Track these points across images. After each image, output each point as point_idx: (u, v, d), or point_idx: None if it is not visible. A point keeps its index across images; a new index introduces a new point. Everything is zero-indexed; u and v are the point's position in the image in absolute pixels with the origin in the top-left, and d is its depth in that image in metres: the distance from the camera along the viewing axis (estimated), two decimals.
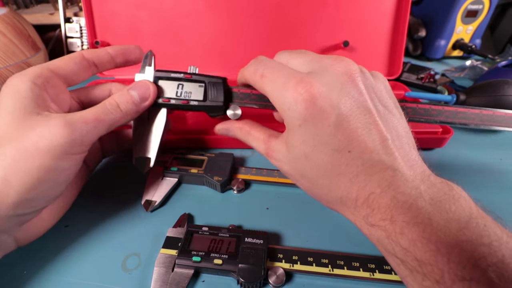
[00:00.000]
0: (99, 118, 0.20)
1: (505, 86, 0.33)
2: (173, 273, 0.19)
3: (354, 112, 0.17)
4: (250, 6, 0.41)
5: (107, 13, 0.41)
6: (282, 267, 0.20)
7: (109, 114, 0.20)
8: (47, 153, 0.17)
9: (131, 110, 0.21)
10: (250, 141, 0.23)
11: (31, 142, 0.17)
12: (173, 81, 0.22)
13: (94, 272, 0.20)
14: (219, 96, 0.23)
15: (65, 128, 0.18)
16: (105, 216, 0.24)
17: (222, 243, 0.20)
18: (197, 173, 0.26)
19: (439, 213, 0.14)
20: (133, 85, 0.22)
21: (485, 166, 0.30)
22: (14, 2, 0.54)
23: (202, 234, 0.21)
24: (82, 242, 0.22)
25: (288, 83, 0.18)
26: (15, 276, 0.20)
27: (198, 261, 0.19)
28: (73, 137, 0.18)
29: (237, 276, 0.19)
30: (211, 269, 0.20)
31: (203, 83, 0.23)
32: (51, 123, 0.18)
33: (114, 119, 0.20)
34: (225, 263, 0.19)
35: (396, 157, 0.16)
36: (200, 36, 0.42)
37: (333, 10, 0.41)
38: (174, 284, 0.19)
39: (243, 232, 0.21)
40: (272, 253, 0.20)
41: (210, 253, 0.20)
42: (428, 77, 0.46)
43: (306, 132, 0.17)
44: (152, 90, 0.22)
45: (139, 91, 0.22)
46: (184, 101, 0.23)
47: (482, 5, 0.52)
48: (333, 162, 0.17)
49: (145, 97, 0.22)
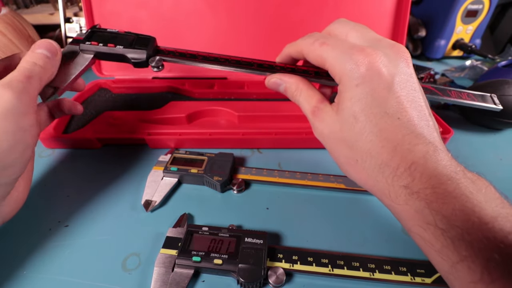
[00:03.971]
0: (27, 75, 0.21)
1: (505, 86, 0.33)
2: (173, 273, 0.19)
3: (406, 87, 0.18)
4: (250, 6, 0.41)
5: (107, 13, 0.40)
6: (282, 267, 0.20)
7: (32, 71, 0.21)
8: (7, 117, 0.19)
9: (48, 64, 0.23)
10: (301, 98, 0.22)
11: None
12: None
13: (94, 272, 0.20)
14: (146, 46, 0.24)
15: (8, 90, 0.19)
16: (105, 216, 0.24)
17: (222, 243, 0.20)
18: (197, 173, 0.26)
19: (478, 190, 0.15)
20: (36, 45, 0.23)
21: (485, 166, 0.30)
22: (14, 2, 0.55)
23: (202, 234, 0.21)
24: (82, 242, 0.22)
25: (352, 49, 0.19)
26: (15, 276, 0.20)
27: (198, 261, 0.19)
28: (19, 96, 0.20)
29: (237, 276, 0.19)
30: (211, 269, 0.20)
31: (132, 35, 0.25)
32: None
33: (38, 73, 0.22)
34: (225, 263, 0.19)
35: (435, 137, 0.18)
36: (200, 36, 0.42)
37: (333, 10, 0.41)
38: (174, 284, 0.19)
39: (243, 232, 0.21)
40: (272, 253, 0.20)
41: (210, 253, 0.20)
42: (428, 77, 0.46)
43: (362, 92, 0.18)
44: (55, 45, 0.24)
45: (46, 47, 0.23)
46: (110, 45, 0.24)
47: (482, 5, 0.52)
48: (381, 126, 0.18)
49: (53, 51, 0.23)
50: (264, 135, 0.31)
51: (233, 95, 0.39)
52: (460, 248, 0.14)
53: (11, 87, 0.19)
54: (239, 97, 0.39)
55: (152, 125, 0.32)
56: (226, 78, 0.43)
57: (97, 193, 0.26)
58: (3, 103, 0.19)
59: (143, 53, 0.24)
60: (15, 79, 0.20)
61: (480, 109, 0.36)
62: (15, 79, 0.20)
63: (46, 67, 0.22)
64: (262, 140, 0.32)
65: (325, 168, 0.29)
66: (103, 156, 0.30)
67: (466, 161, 0.30)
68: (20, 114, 0.20)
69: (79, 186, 0.27)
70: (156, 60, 0.24)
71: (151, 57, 0.25)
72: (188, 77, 0.42)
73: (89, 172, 0.28)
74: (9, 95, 0.19)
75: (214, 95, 0.39)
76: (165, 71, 0.42)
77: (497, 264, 0.13)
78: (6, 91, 0.19)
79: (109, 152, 0.31)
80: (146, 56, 0.24)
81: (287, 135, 0.31)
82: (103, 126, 0.32)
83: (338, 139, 0.20)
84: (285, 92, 0.23)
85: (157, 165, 0.28)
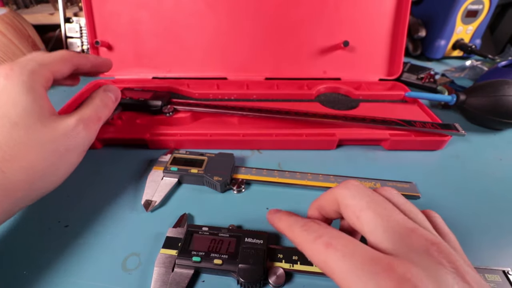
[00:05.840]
0: (100, 117, 0.23)
1: (505, 86, 0.33)
2: (173, 273, 0.19)
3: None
4: (250, 6, 0.41)
5: (107, 13, 0.41)
6: (282, 267, 0.20)
7: (103, 113, 0.24)
8: (74, 153, 0.21)
9: (111, 109, 0.26)
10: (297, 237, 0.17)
11: (61, 144, 0.20)
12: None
13: (94, 272, 0.20)
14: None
15: (86, 131, 0.21)
16: (105, 216, 0.24)
17: (222, 243, 0.20)
18: (197, 173, 0.26)
19: None
20: (108, 87, 0.26)
21: (485, 166, 0.30)
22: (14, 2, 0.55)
23: (202, 234, 0.21)
24: (82, 242, 0.22)
25: (374, 264, 0.13)
26: (15, 276, 0.20)
27: (198, 261, 0.19)
28: (91, 137, 0.22)
29: (237, 276, 0.19)
30: (211, 269, 0.20)
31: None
32: (72, 125, 0.21)
33: (106, 117, 0.25)
34: (225, 263, 0.19)
35: None
36: (200, 36, 0.42)
37: (333, 10, 0.41)
38: (174, 284, 0.19)
39: (243, 232, 0.21)
40: (272, 253, 0.20)
41: (210, 253, 0.20)
42: (428, 77, 0.46)
43: None
44: (119, 92, 0.28)
45: (115, 93, 0.26)
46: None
47: (482, 5, 0.52)
48: None
49: (118, 99, 0.27)
50: (265, 136, 0.31)
51: (233, 96, 0.39)
52: None
53: (88, 126, 0.22)
54: (239, 98, 0.39)
55: (152, 125, 0.32)
56: (226, 78, 0.43)
57: (97, 193, 0.26)
58: (79, 141, 0.21)
59: None
60: (91, 119, 0.22)
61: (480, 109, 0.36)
62: (91, 119, 0.22)
63: (110, 112, 0.25)
64: (262, 141, 0.32)
65: (325, 169, 0.29)
66: (103, 156, 0.30)
67: (466, 161, 0.31)
68: (84, 151, 0.22)
69: (79, 186, 0.27)
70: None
71: None
72: (188, 77, 0.42)
73: (89, 172, 0.28)
74: (85, 136, 0.21)
75: (214, 95, 0.39)
76: (165, 71, 0.42)
77: None
78: (85, 132, 0.21)
79: (109, 152, 0.31)
80: None
81: (287, 136, 0.32)
82: (103, 126, 0.32)
83: None
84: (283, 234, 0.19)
85: (157, 165, 0.28)
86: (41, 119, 0.19)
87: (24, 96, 0.19)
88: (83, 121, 0.21)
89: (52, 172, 0.20)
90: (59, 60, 0.22)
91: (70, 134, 0.20)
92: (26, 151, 0.18)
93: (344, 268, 0.14)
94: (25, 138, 0.18)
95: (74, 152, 0.21)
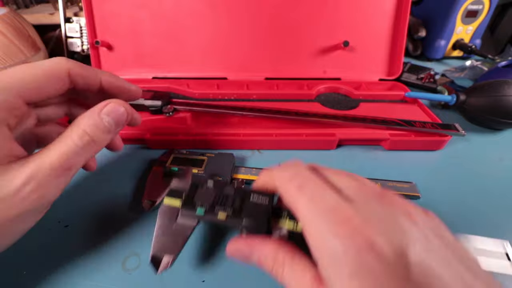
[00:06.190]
0: (70, 167, 0.16)
1: (505, 86, 0.33)
2: (175, 223, 0.19)
3: (430, 261, 0.12)
4: (250, 6, 0.41)
5: (107, 13, 0.41)
6: (286, 226, 0.18)
7: (81, 156, 0.16)
8: (18, 223, 0.16)
9: (103, 142, 0.17)
10: (286, 277, 0.15)
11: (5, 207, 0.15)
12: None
13: (94, 272, 0.20)
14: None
15: (38, 193, 0.15)
16: (105, 216, 0.24)
17: (227, 198, 0.19)
18: (197, 173, 0.26)
19: None
20: (106, 109, 0.18)
21: (485, 166, 0.30)
22: (14, 2, 0.55)
23: (207, 188, 0.20)
24: (82, 242, 0.22)
25: (333, 212, 0.14)
26: (15, 276, 0.20)
27: (202, 215, 0.19)
28: (47, 198, 0.16)
29: (241, 232, 0.18)
30: (214, 223, 0.19)
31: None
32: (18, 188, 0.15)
33: (85, 160, 0.17)
34: (229, 218, 0.18)
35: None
36: (201, 36, 0.42)
37: (333, 10, 0.41)
38: (176, 235, 0.18)
39: (249, 190, 0.20)
40: (277, 211, 0.19)
41: (214, 207, 0.19)
42: (428, 77, 0.46)
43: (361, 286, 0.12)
44: (127, 113, 0.19)
45: (114, 114, 0.18)
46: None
47: (482, 5, 0.52)
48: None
49: (121, 121, 0.18)
50: (265, 136, 0.31)
51: (233, 96, 0.39)
52: None
53: (43, 186, 0.15)
54: (239, 97, 0.39)
55: (152, 125, 0.32)
56: (226, 78, 0.43)
57: (97, 193, 0.26)
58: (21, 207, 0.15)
59: None
60: (53, 173, 0.15)
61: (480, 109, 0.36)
62: (53, 173, 0.15)
63: (98, 148, 0.17)
64: (262, 141, 0.32)
65: None
66: (103, 156, 0.30)
67: (466, 161, 0.31)
68: (36, 216, 0.17)
69: (79, 186, 0.27)
70: None
71: None
72: (188, 77, 0.42)
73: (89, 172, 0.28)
74: (34, 198, 0.15)
75: (214, 95, 0.39)
76: (165, 71, 0.42)
77: None
78: (32, 193, 0.15)
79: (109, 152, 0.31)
80: None
81: (287, 136, 0.32)
82: None
83: None
84: (261, 266, 0.16)
85: (157, 165, 0.28)
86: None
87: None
88: (36, 179, 0.15)
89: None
90: (41, 76, 0.16)
91: (8, 200, 0.14)
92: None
93: (307, 212, 0.14)
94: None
95: (13, 221, 0.15)
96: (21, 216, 0.15)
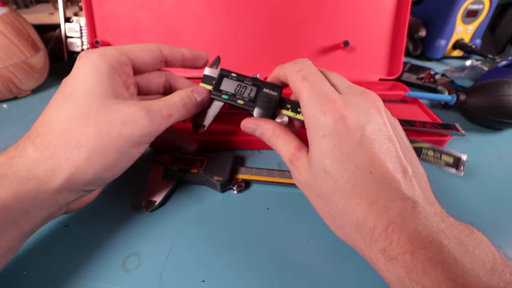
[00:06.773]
0: (171, 114, 0.21)
1: (505, 86, 0.33)
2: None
3: (378, 137, 0.17)
4: (250, 7, 0.41)
5: (107, 13, 0.41)
6: (288, 114, 0.24)
7: (178, 111, 0.22)
8: (127, 141, 0.19)
9: (191, 110, 0.23)
10: (278, 144, 0.22)
11: (115, 128, 0.18)
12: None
13: (94, 272, 0.20)
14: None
15: (146, 120, 0.19)
16: (105, 216, 0.24)
17: (246, 88, 0.24)
18: (197, 173, 0.26)
19: (464, 254, 0.13)
20: (198, 90, 0.24)
21: (485, 166, 0.30)
22: (14, 2, 0.54)
23: (231, 79, 0.25)
24: (82, 242, 0.22)
25: (324, 96, 0.18)
26: (15, 276, 0.20)
27: (226, 99, 0.24)
28: (151, 129, 0.20)
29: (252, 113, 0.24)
30: (235, 106, 0.24)
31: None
32: (132, 112, 0.19)
33: (180, 116, 0.22)
34: (245, 104, 0.24)
35: (416, 189, 0.16)
36: (200, 36, 0.42)
37: (333, 10, 0.41)
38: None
39: (263, 83, 0.24)
40: (283, 102, 0.24)
41: (235, 95, 0.24)
42: (428, 77, 0.46)
43: (329, 144, 0.17)
44: (207, 98, 0.25)
45: (202, 95, 0.24)
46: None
47: (482, 5, 0.52)
48: (353, 181, 0.16)
49: (204, 103, 0.24)
50: None
51: None
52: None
53: (152, 119, 0.19)
54: None
55: None
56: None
57: None
58: (134, 128, 0.19)
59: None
60: (159, 114, 0.20)
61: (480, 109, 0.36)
62: (159, 114, 0.20)
63: (188, 114, 0.23)
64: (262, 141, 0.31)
65: None
66: None
67: (466, 161, 0.31)
68: (140, 142, 0.20)
69: None
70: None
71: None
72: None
73: None
74: (145, 125, 0.19)
75: None
76: None
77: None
78: (145, 121, 0.19)
79: None
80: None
81: None
82: None
83: (314, 192, 0.19)
84: (262, 137, 0.23)
85: (157, 165, 0.28)
86: (103, 100, 0.19)
87: (89, 77, 0.19)
88: (147, 111, 0.19)
89: (101, 157, 0.18)
90: (142, 49, 0.22)
91: (126, 120, 0.18)
92: (81, 129, 0.18)
93: (306, 95, 0.19)
94: (84, 117, 0.18)
95: (126, 140, 0.19)
96: (130, 136, 0.19)
